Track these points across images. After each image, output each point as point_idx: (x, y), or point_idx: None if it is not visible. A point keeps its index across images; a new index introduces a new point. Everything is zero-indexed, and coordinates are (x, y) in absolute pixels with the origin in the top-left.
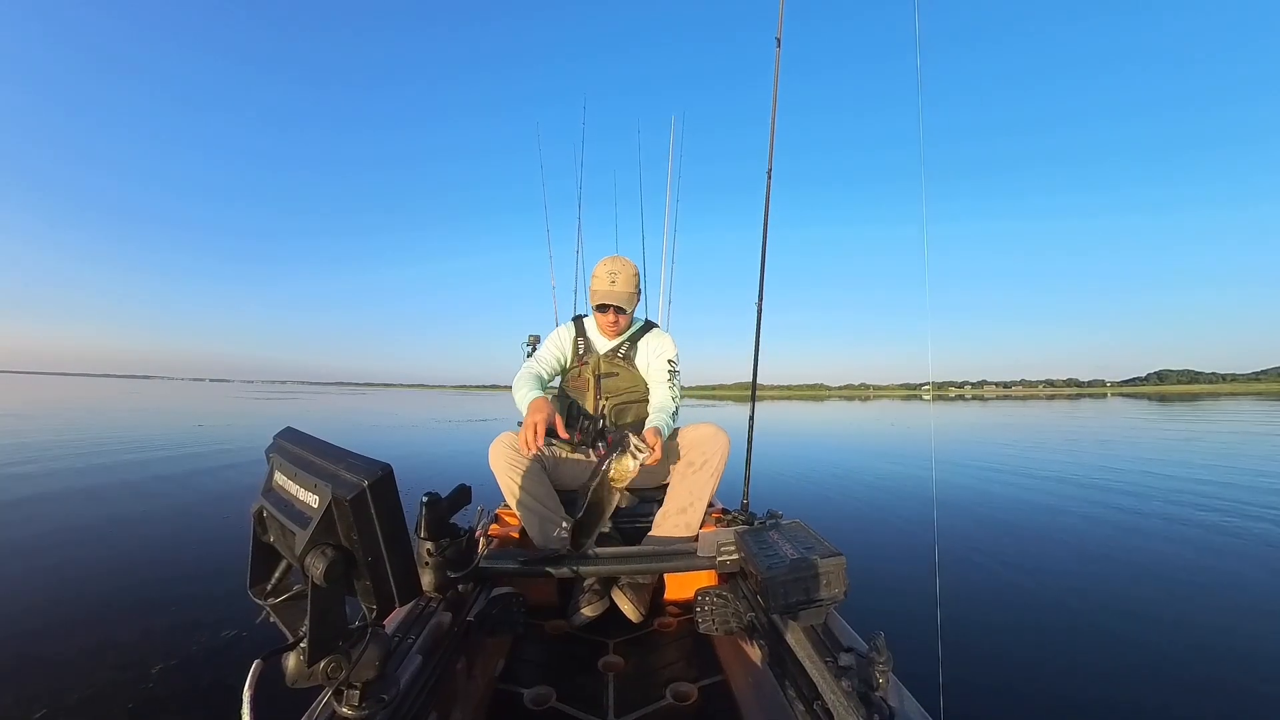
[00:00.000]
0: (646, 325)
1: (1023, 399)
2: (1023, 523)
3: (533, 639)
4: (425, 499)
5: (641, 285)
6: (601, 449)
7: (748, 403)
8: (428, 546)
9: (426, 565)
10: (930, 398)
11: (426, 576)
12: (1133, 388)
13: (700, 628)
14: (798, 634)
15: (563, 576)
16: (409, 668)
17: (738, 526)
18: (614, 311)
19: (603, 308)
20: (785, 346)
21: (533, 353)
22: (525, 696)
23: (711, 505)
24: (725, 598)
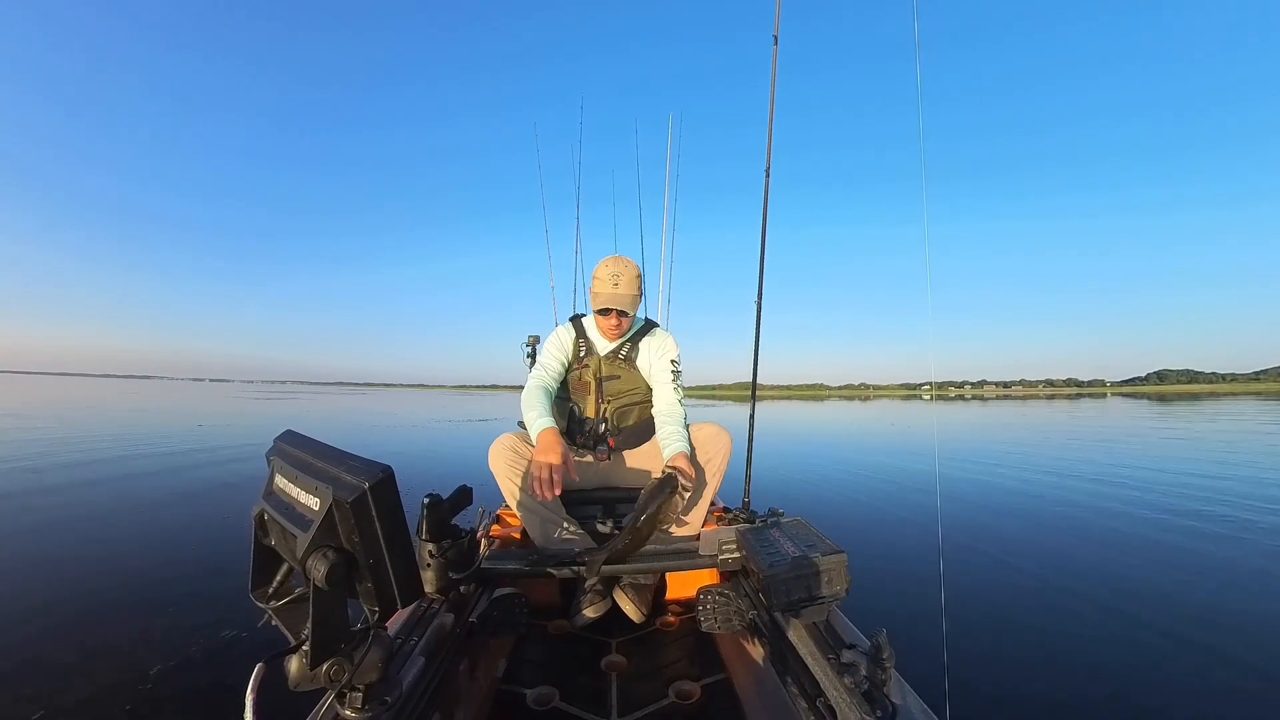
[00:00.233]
0: (647, 325)
1: (1022, 399)
2: (1024, 521)
3: (535, 639)
4: (426, 500)
5: (642, 285)
6: (604, 453)
7: (748, 402)
8: (429, 548)
9: (428, 567)
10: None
11: (428, 578)
12: (1132, 387)
13: (703, 626)
14: (800, 631)
15: (564, 577)
16: (412, 669)
17: (739, 525)
18: (617, 315)
19: (605, 311)
20: (785, 346)
21: (532, 353)
22: (528, 697)
23: (713, 504)
24: (727, 596)
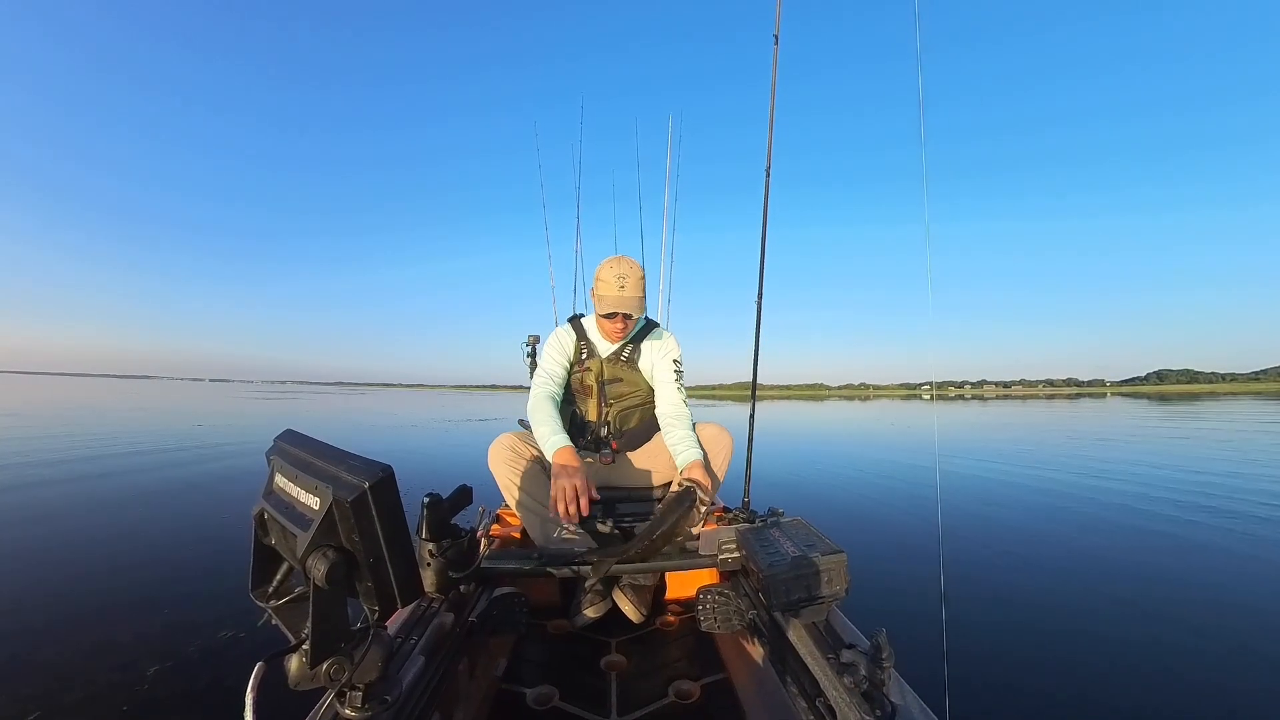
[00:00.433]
0: (648, 325)
1: (1022, 399)
2: (1024, 521)
3: (535, 639)
4: (426, 500)
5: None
6: (607, 456)
7: (748, 402)
8: (429, 547)
9: (428, 566)
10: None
11: (428, 577)
12: (1132, 387)
13: (702, 626)
14: (799, 631)
15: (564, 577)
16: (411, 669)
17: (739, 525)
18: (623, 318)
19: (611, 315)
20: (785, 346)
21: (532, 353)
22: (528, 696)
23: (713, 504)
24: (727, 596)
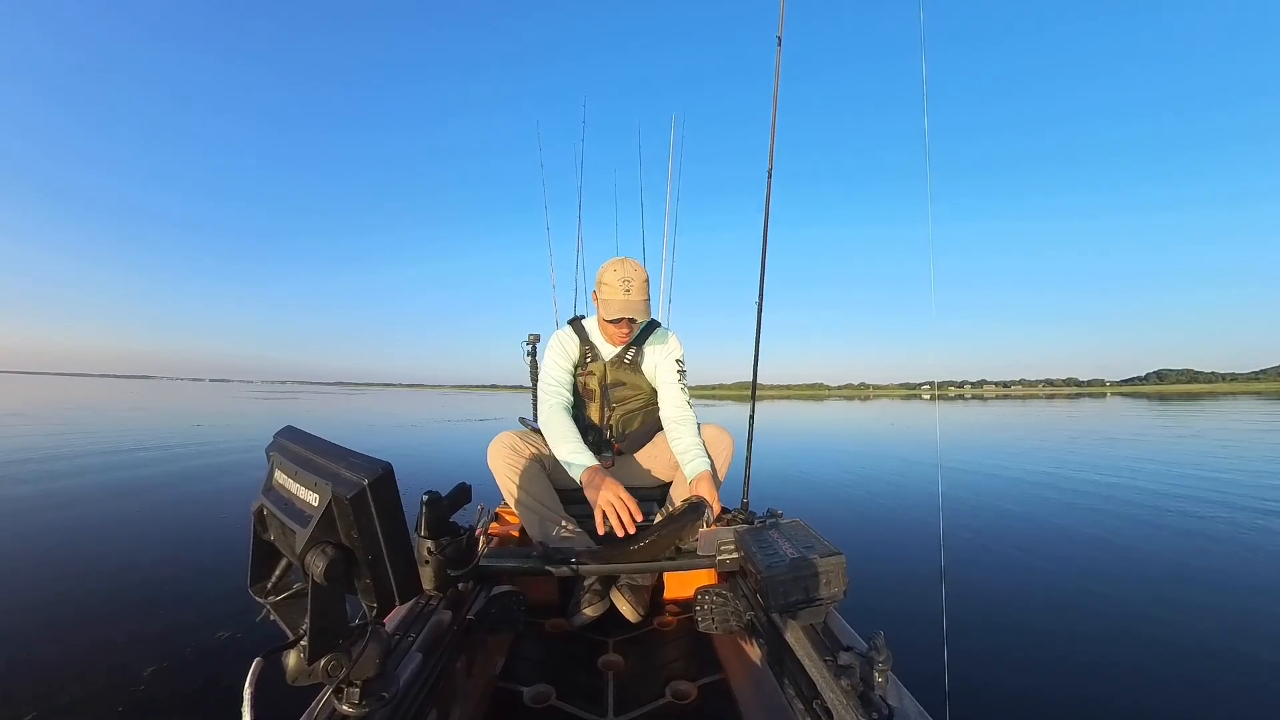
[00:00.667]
0: (650, 325)
1: (1022, 398)
2: (1024, 520)
3: (532, 637)
4: (425, 497)
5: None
6: (609, 459)
7: (748, 402)
8: (428, 545)
9: (427, 564)
10: (930, 397)
11: (427, 575)
12: (1132, 387)
13: (700, 626)
14: (797, 633)
15: (563, 575)
16: (409, 666)
17: (737, 525)
18: (628, 323)
19: (617, 320)
20: (785, 346)
21: (533, 352)
22: (525, 695)
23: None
24: (725, 596)
